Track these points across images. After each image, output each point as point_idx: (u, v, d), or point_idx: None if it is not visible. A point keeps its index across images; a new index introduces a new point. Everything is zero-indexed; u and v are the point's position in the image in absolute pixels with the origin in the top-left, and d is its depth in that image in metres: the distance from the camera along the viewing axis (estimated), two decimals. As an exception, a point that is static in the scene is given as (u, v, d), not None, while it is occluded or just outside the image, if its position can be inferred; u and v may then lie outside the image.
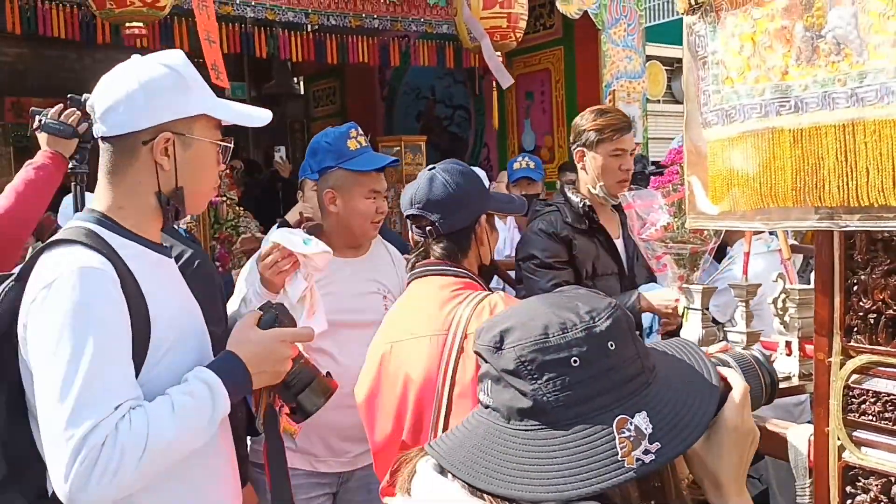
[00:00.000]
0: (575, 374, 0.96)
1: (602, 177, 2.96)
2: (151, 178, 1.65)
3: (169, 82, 1.65)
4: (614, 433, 0.95)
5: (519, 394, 0.98)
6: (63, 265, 1.52)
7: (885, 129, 1.29)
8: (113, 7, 4.33)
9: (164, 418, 1.49)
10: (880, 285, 1.39)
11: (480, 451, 0.99)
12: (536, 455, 0.95)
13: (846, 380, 1.43)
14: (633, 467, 0.93)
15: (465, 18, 5.96)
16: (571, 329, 0.98)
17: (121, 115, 1.63)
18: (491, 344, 1.02)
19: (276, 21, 5.77)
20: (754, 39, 1.49)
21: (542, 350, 0.97)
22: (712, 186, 1.57)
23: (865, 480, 1.41)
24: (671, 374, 1.04)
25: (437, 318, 1.94)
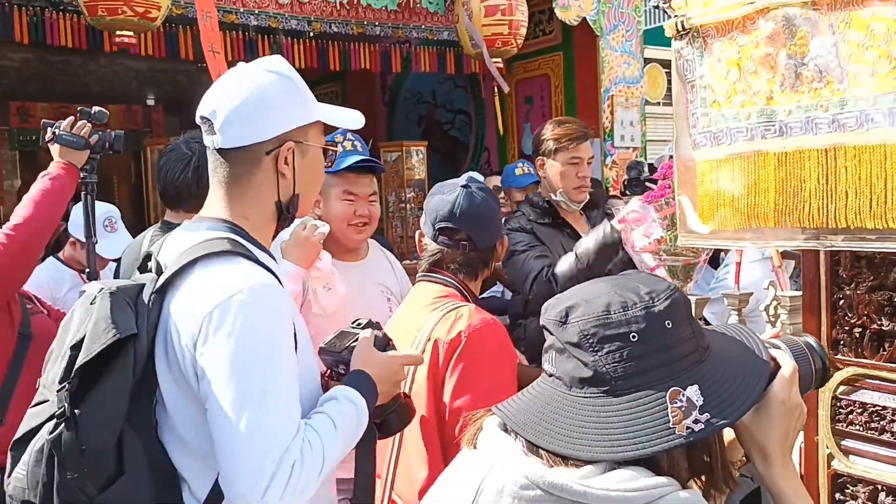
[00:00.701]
0: (633, 348, 1.05)
1: (561, 183, 3.13)
2: (272, 187, 1.64)
3: (289, 91, 1.64)
4: (667, 403, 1.03)
5: (581, 364, 1.06)
6: (239, 281, 1.48)
7: (865, 154, 1.35)
8: (104, 14, 4.37)
9: (332, 438, 1.50)
10: (865, 301, 1.45)
11: (544, 414, 1.08)
12: (595, 420, 1.04)
13: (834, 391, 1.50)
14: (683, 434, 1.01)
15: (465, 25, 6.02)
16: (632, 308, 1.07)
17: (244, 126, 1.59)
18: (557, 318, 1.10)
19: (279, 29, 5.83)
20: (740, 65, 1.55)
21: (604, 325, 1.06)
22: (701, 206, 1.63)
23: (853, 488, 1.48)
24: (724, 353, 1.12)
25: (413, 323, 2.06)
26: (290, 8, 5.85)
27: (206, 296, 1.47)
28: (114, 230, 3.99)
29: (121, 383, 1.43)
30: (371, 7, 6.24)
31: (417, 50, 6.76)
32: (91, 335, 1.44)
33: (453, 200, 2.10)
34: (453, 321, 1.98)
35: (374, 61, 6.50)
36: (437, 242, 2.14)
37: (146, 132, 9.43)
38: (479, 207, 2.11)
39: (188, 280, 1.50)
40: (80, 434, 1.40)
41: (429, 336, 2.00)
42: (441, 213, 2.12)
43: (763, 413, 1.13)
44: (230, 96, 1.60)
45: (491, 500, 1.04)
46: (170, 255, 1.58)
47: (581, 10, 6.97)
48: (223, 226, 1.61)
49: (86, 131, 2.80)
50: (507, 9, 6.01)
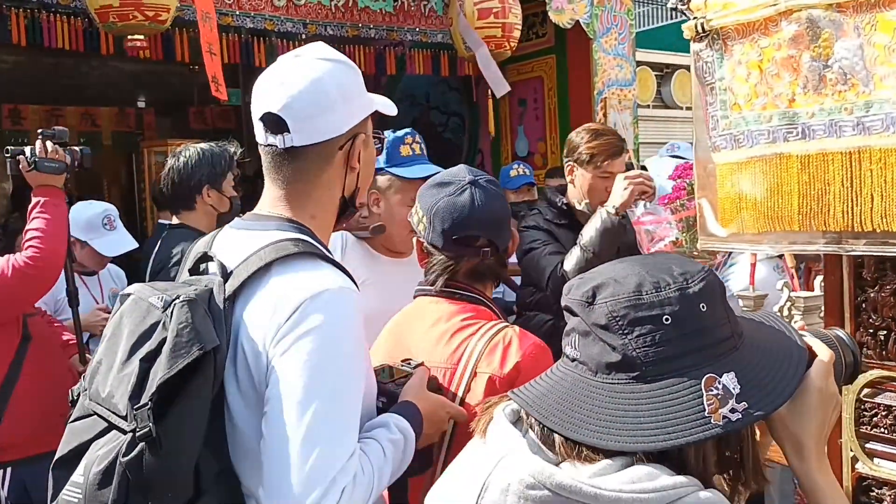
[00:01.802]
0: (666, 331, 0.99)
1: (588, 195, 3.10)
2: (340, 184, 1.56)
3: (356, 80, 1.55)
4: (702, 390, 0.98)
5: (608, 348, 1.01)
6: (324, 282, 1.41)
7: (891, 157, 1.35)
8: (116, 21, 4.36)
9: (382, 466, 1.42)
10: (889, 303, 1.45)
11: (567, 401, 1.02)
12: (623, 408, 0.99)
13: (858, 394, 1.49)
14: (720, 424, 0.96)
15: (460, 28, 6.01)
16: (665, 288, 1.01)
17: (322, 122, 1.49)
18: (583, 299, 1.04)
19: (274, 31, 5.80)
20: (761, 67, 1.55)
21: (635, 306, 1.00)
22: (721, 209, 1.62)
23: (879, 490, 1.47)
24: (759, 340, 1.07)
25: (446, 349, 1.82)
26: (285, 10, 5.83)
27: (287, 297, 1.38)
28: (113, 228, 3.97)
29: (202, 401, 1.33)
30: (367, 9, 6.23)
31: (412, 52, 6.74)
32: (172, 348, 1.31)
33: (468, 202, 1.83)
34: (503, 351, 1.76)
35: (369, 63, 6.47)
36: (449, 251, 1.86)
37: (139, 134, 9.38)
38: (496, 205, 1.88)
39: (266, 284, 1.42)
40: (164, 458, 1.27)
41: (475, 370, 1.76)
42: (456, 218, 1.83)
43: (799, 402, 1.08)
44: (300, 91, 1.48)
45: (496, 499, 0.99)
46: (234, 256, 1.47)
47: (574, 13, 6.99)
48: (291, 226, 1.51)
49: (61, 154, 2.85)
50: (500, 12, 6.00)
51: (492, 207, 1.86)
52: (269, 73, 1.55)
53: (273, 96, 1.50)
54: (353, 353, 1.41)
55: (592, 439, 0.98)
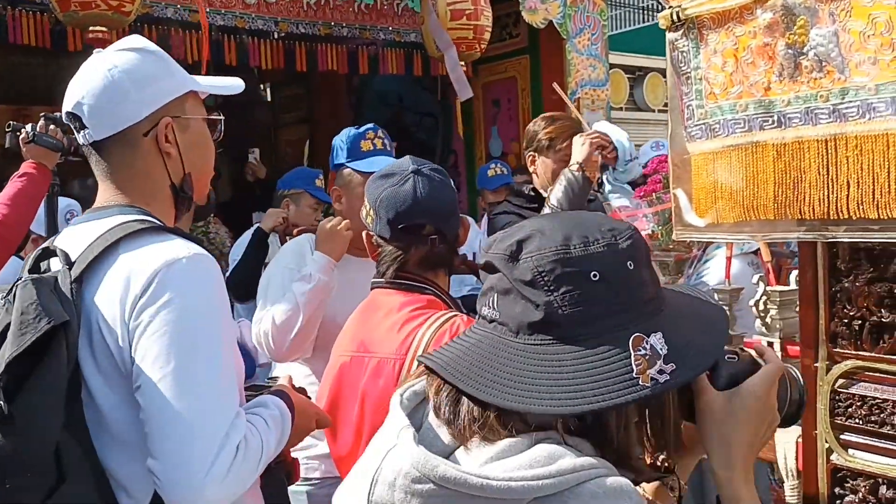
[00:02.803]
0: (593, 289, 0.94)
1: (552, 181, 3.01)
2: (161, 171, 1.54)
3: (152, 65, 1.54)
4: (630, 351, 0.93)
5: (532, 306, 0.95)
6: (176, 251, 1.40)
7: (867, 144, 1.34)
8: (77, 10, 4.26)
9: (268, 437, 1.44)
10: (864, 293, 1.44)
11: (484, 364, 0.96)
12: (547, 369, 0.93)
13: (833, 384, 1.48)
14: (648, 385, 0.91)
15: (431, 28, 5.99)
16: (593, 244, 0.96)
17: (113, 112, 1.49)
18: (506, 253, 0.98)
19: (245, 28, 5.74)
20: (737, 56, 1.54)
21: (562, 261, 0.94)
22: (697, 199, 1.61)
23: (853, 482, 1.46)
24: (683, 305, 1.03)
25: (394, 340, 1.82)
26: (256, 8, 5.78)
27: (140, 270, 1.37)
28: None
29: (56, 379, 1.31)
30: (339, 8, 6.19)
31: (384, 52, 6.71)
32: (18, 325, 1.30)
33: (411, 191, 1.83)
34: (450, 338, 1.65)
35: (342, 62, 6.43)
36: (397, 241, 1.87)
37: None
38: (441, 192, 1.86)
39: (115, 262, 1.40)
40: (19, 437, 1.27)
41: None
42: (400, 207, 1.84)
43: (737, 405, 1.04)
44: (92, 85, 1.50)
45: (384, 493, 0.93)
46: (77, 246, 1.45)
47: (548, 13, 7.00)
48: (133, 209, 1.51)
49: (60, 136, 2.83)
50: (472, 14, 5.99)
51: (436, 195, 1.86)
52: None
53: (69, 95, 1.54)
54: (216, 315, 1.41)
55: (511, 402, 0.92)
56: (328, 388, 1.96)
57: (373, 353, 1.85)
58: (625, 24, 13.98)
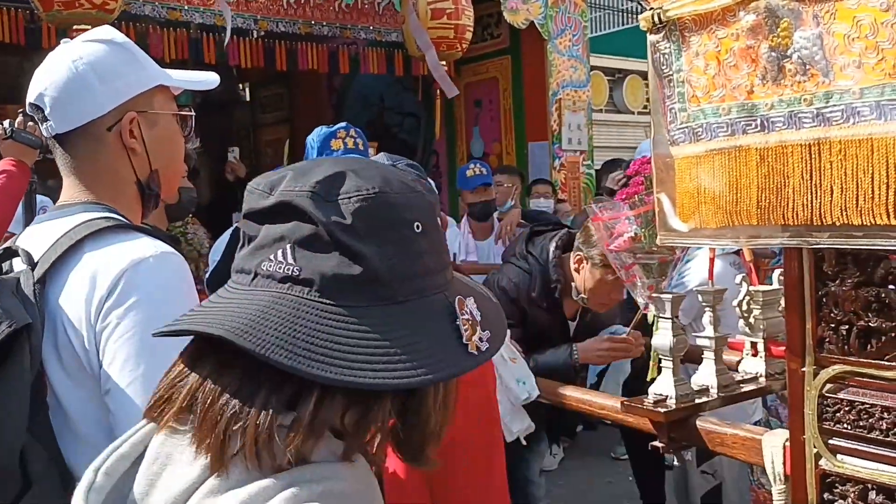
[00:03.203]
0: (417, 241, 0.81)
1: (590, 293, 2.96)
2: (126, 167, 1.49)
3: (118, 58, 1.48)
4: (457, 314, 0.82)
5: (349, 258, 0.78)
6: (143, 249, 1.35)
7: (851, 149, 1.32)
8: (61, 9, 4.22)
9: None
10: (851, 297, 1.43)
11: (295, 332, 0.76)
12: (375, 336, 0.77)
13: (820, 389, 1.47)
14: (475, 353, 0.81)
15: (411, 28, 5.97)
16: (412, 192, 0.83)
17: (76, 105, 1.44)
18: (314, 190, 0.79)
19: (224, 26, 5.69)
20: (719, 58, 1.52)
21: (387, 206, 0.80)
22: (680, 203, 1.59)
23: (842, 487, 1.45)
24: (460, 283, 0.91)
25: None
26: (235, 6, 5.73)
27: (105, 270, 1.32)
28: None
29: (20, 384, 1.26)
30: (320, 6, 6.15)
31: (366, 51, 6.68)
32: None
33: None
34: None
35: (322, 62, 6.39)
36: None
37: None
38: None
39: (79, 262, 1.35)
40: None
41: None
42: None
43: None
44: (55, 76, 1.45)
45: None
46: (41, 245, 1.41)
47: (529, 13, 7.00)
48: (98, 206, 1.46)
49: (39, 132, 2.78)
50: (453, 13, 5.97)
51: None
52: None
53: (33, 85, 1.48)
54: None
55: (344, 375, 0.75)
56: None
57: None
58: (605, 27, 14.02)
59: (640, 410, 2.02)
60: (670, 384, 2.00)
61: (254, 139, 10.39)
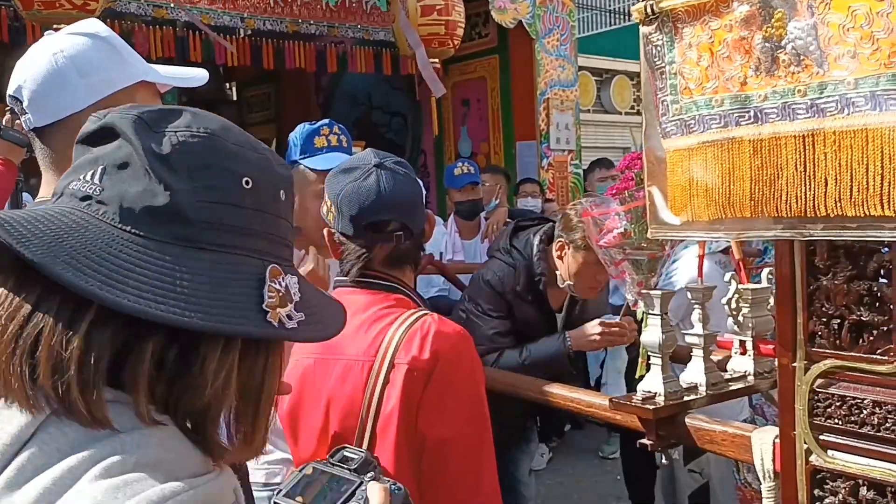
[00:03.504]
0: (241, 195, 0.80)
1: (575, 278, 2.93)
2: None
3: (99, 52, 1.46)
4: (266, 280, 0.80)
5: (159, 187, 0.76)
6: None
7: (845, 140, 1.31)
8: (41, 8, 4.19)
9: None
10: (843, 291, 1.41)
11: (89, 253, 0.73)
12: (162, 270, 0.75)
13: (811, 384, 1.45)
14: (275, 324, 0.79)
15: (401, 26, 5.94)
16: (253, 149, 0.84)
17: (55, 98, 1.42)
18: (142, 117, 0.79)
19: (210, 25, 5.65)
20: (712, 50, 1.50)
21: (217, 150, 0.80)
22: (672, 196, 1.57)
23: (833, 483, 1.44)
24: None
25: (362, 341, 1.75)
26: (222, 4, 5.69)
27: None
28: None
29: None
30: (306, 5, 6.11)
31: (353, 50, 6.65)
32: None
33: (374, 186, 1.75)
34: (421, 340, 1.70)
35: (310, 60, 6.36)
36: (360, 239, 1.79)
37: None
38: (406, 186, 1.79)
39: None
40: None
41: (392, 361, 1.70)
42: (364, 202, 1.75)
43: None
44: (35, 69, 1.43)
45: None
46: None
47: (517, 13, 7.00)
48: None
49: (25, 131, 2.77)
50: (443, 9, 5.95)
51: (400, 189, 1.78)
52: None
53: (13, 77, 1.46)
54: None
55: (130, 301, 0.72)
56: (291, 394, 1.88)
57: (339, 355, 1.79)
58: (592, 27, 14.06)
59: (629, 408, 2.00)
60: (659, 381, 1.99)
61: (240, 138, 10.33)
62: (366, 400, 1.73)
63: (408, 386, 1.67)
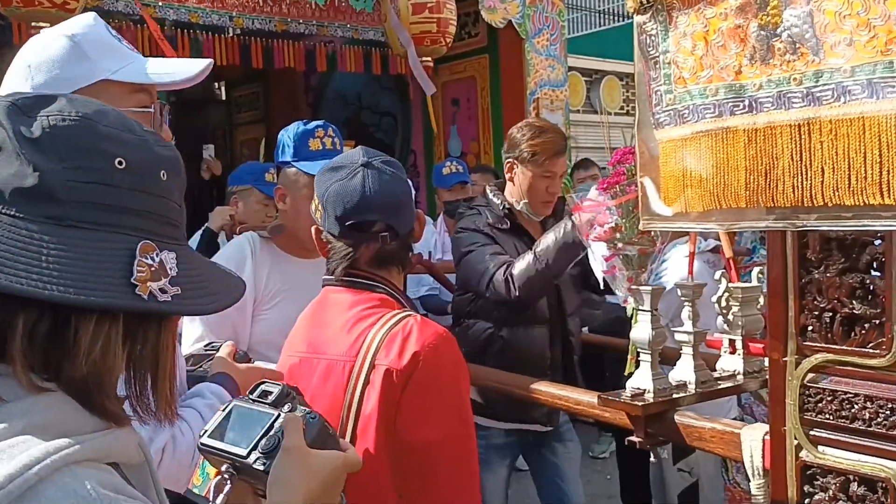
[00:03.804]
0: (113, 174, 0.83)
1: (527, 194, 2.97)
2: None
3: (60, 52, 1.45)
4: (136, 255, 0.83)
5: (29, 168, 0.80)
6: None
7: (842, 129, 1.29)
8: (19, 5, 4.14)
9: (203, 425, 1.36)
10: (835, 284, 1.39)
11: None
12: (28, 246, 0.78)
13: (802, 379, 1.43)
14: (144, 297, 0.82)
15: (392, 25, 5.91)
16: (129, 131, 0.86)
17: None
18: (17, 102, 0.84)
19: (199, 24, 5.61)
20: (707, 39, 1.49)
21: (88, 132, 0.83)
22: (665, 187, 1.56)
23: (823, 479, 1.42)
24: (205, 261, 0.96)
25: (344, 341, 1.75)
26: (210, 2, 5.65)
27: None
28: None
29: None
30: (295, 4, 6.08)
31: (343, 49, 6.61)
32: None
33: (360, 185, 1.74)
34: (402, 341, 1.68)
35: (299, 59, 6.31)
36: (346, 238, 1.78)
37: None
38: (393, 186, 1.77)
39: None
40: None
41: (373, 362, 1.69)
42: (348, 202, 1.74)
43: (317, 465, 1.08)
44: (11, 68, 1.48)
45: None
46: None
47: (507, 12, 6.97)
48: None
49: None
50: (434, 6, 5.91)
51: (387, 189, 1.76)
52: None
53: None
54: None
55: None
56: None
57: (322, 354, 1.78)
58: (582, 28, 14.06)
59: (618, 404, 1.98)
60: (648, 378, 1.97)
61: (230, 138, 10.29)
62: (346, 400, 1.71)
63: (386, 387, 1.66)
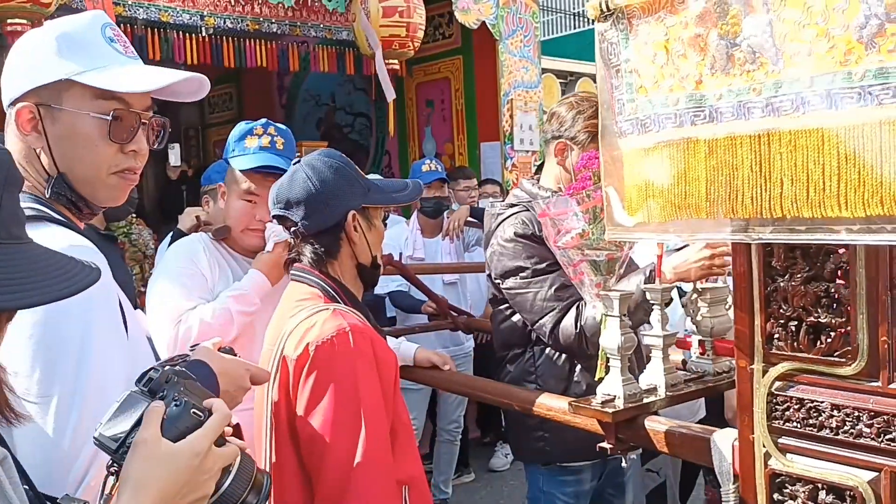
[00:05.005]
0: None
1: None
2: (34, 159, 1.42)
3: (35, 45, 1.42)
4: None
5: None
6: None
7: (801, 140, 1.28)
8: (-5, 1, 4.10)
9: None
10: (800, 292, 1.39)
11: None
12: None
13: (769, 387, 1.43)
14: None
15: (361, 26, 5.89)
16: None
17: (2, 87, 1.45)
18: None
19: (170, 23, 5.55)
20: (668, 48, 1.48)
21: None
22: (628, 197, 1.54)
23: (792, 487, 1.41)
24: (47, 252, 0.98)
25: (275, 333, 1.87)
26: (181, 2, 5.59)
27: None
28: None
29: None
30: (267, 3, 6.03)
31: (316, 49, 6.58)
32: None
33: (279, 184, 1.92)
34: (304, 332, 1.76)
35: (271, 59, 6.27)
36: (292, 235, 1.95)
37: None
38: (302, 186, 1.87)
39: None
40: None
41: (282, 352, 1.79)
42: (270, 198, 1.94)
43: (171, 456, 1.05)
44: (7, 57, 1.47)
45: None
46: None
47: (480, 13, 6.97)
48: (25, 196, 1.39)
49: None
50: (405, 11, 5.91)
51: (296, 186, 1.88)
52: None
53: None
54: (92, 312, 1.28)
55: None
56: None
57: (272, 346, 1.88)
58: (556, 30, 14.09)
59: (588, 411, 1.97)
60: (618, 384, 1.96)
61: (202, 138, 10.21)
62: (266, 391, 1.82)
63: (285, 377, 1.77)
